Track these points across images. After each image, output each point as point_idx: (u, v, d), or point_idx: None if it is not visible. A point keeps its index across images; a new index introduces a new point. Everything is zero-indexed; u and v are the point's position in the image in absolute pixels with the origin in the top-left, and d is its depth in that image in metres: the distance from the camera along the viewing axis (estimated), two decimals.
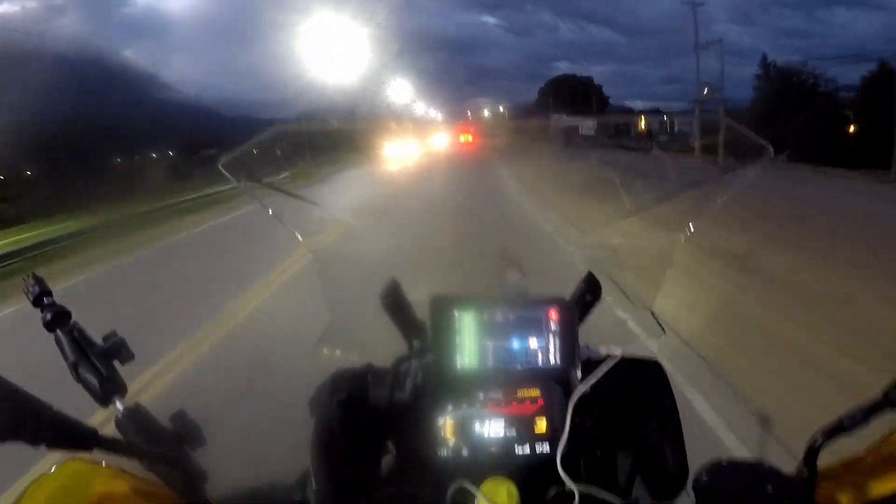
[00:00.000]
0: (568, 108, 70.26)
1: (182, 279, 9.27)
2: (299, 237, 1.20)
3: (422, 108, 74.79)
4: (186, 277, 9.38)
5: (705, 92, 34.98)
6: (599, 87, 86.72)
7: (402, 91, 65.72)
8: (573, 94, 75.84)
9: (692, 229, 1.20)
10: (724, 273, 7.24)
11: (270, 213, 1.18)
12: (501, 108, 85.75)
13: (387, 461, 1.07)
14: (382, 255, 1.34)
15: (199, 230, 15.38)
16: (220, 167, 1.08)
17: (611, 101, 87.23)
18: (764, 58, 43.09)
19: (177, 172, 29.06)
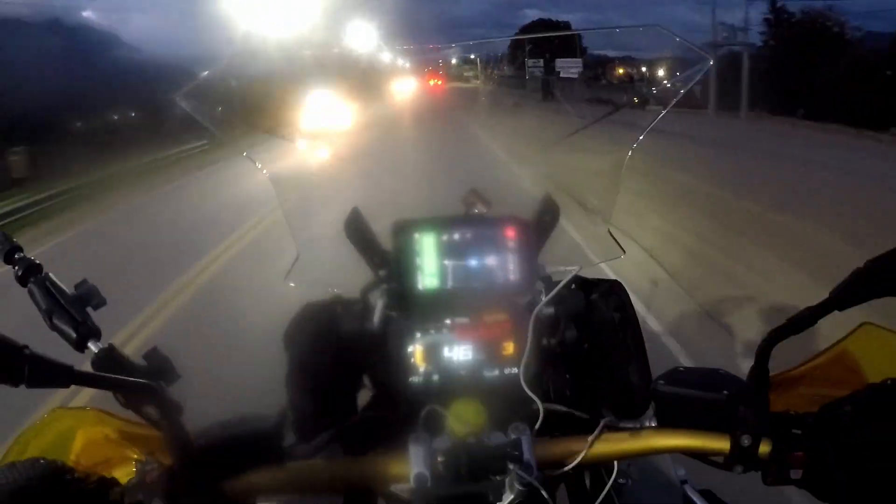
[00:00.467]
0: (539, 55, 67.13)
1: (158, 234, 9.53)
2: (262, 169, 1.21)
3: (389, 56, 74.40)
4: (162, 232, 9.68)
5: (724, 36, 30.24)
6: (578, 35, 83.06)
7: (368, 38, 64.68)
8: (549, 41, 72.50)
9: (637, 142, 1.20)
10: None
11: (226, 139, 1.19)
12: (473, 56, 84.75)
13: (362, 391, 1.10)
14: (347, 187, 1.34)
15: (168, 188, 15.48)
16: (178, 100, 1.08)
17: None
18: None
19: (144, 132, 28.23)
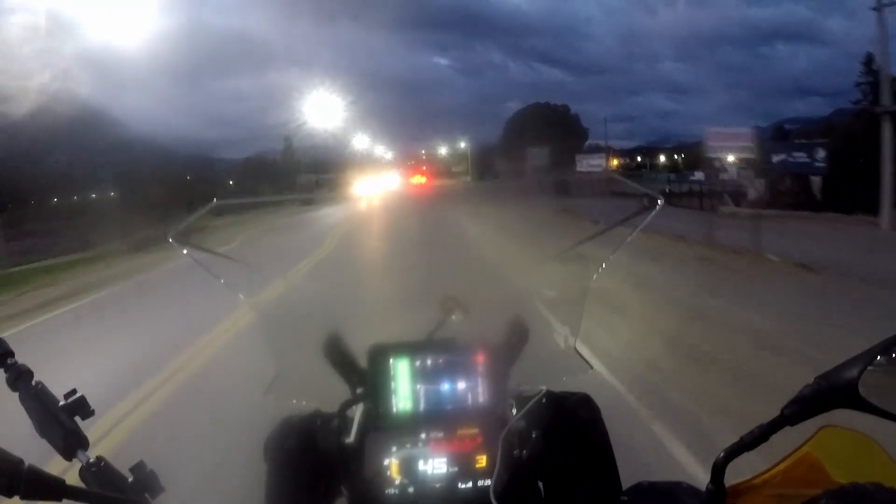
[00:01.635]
0: (542, 143, 56.06)
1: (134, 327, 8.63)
2: (242, 297, 1.26)
3: (373, 150, 71.73)
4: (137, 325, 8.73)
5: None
6: (577, 117, 74.35)
7: (353, 132, 65.30)
8: (548, 125, 64.34)
9: (602, 268, 1.28)
10: None
11: (215, 275, 1.24)
12: (463, 144, 74.56)
13: (340, 502, 1.12)
14: (325, 308, 1.40)
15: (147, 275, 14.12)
16: (171, 239, 1.15)
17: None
18: (869, 59, 29.92)
19: (125, 213, 28.02)
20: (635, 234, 1.25)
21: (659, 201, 1.24)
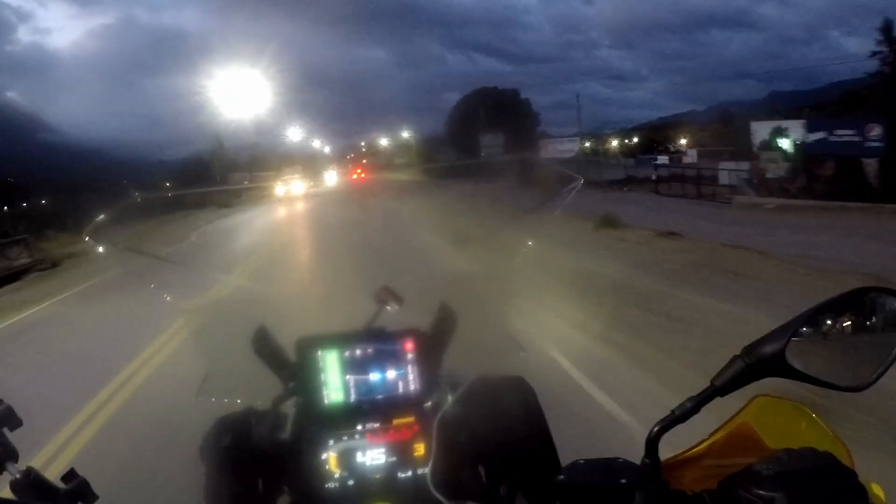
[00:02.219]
0: (496, 129, 54.65)
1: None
2: (168, 299, 1.25)
3: (309, 144, 70.34)
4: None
5: None
6: (527, 102, 68.03)
7: (288, 128, 64.02)
8: (498, 111, 59.84)
9: (526, 250, 1.30)
10: None
11: (133, 274, 1.22)
12: (406, 134, 69.72)
13: (282, 500, 1.11)
14: (254, 304, 1.38)
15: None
16: (86, 238, 1.11)
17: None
18: (888, 26, 26.79)
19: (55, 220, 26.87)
20: (557, 212, 1.28)
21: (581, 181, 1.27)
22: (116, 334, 7.61)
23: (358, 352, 1.10)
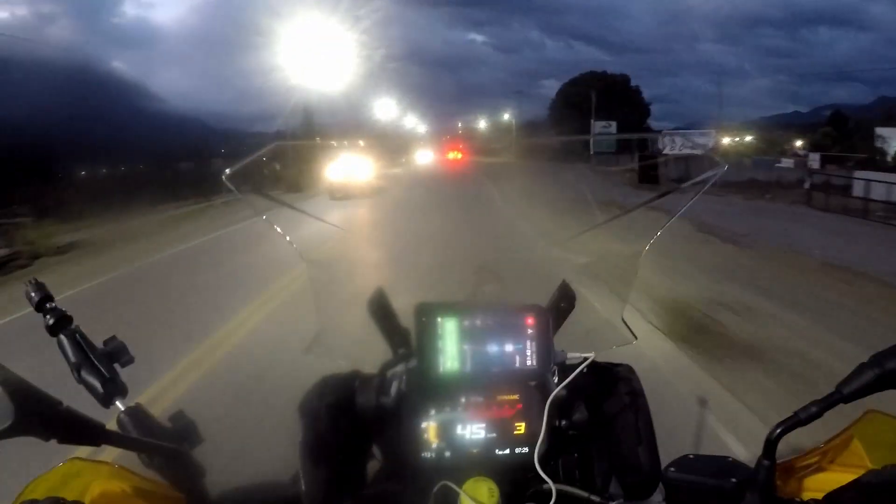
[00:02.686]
0: (604, 116, 50.40)
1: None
2: (295, 246, 1.25)
3: (409, 122, 71.17)
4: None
5: None
6: (638, 90, 63.81)
7: (388, 105, 65.19)
8: (607, 96, 54.70)
9: (651, 242, 1.26)
10: None
11: (268, 222, 1.24)
12: (506, 117, 65.69)
13: (373, 464, 1.11)
14: (372, 266, 1.39)
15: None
16: (224, 179, 1.13)
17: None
18: None
19: (160, 185, 28.39)
20: (697, 198, 1.22)
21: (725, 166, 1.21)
22: None
23: (478, 321, 1.08)
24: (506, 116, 67.80)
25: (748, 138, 56.36)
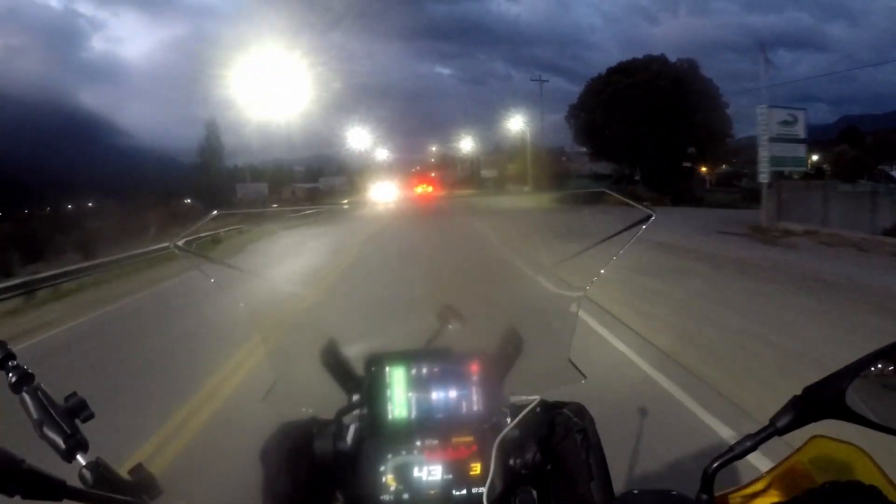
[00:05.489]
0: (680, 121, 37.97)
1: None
2: (244, 306, 1.29)
3: (377, 154, 68.36)
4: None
5: None
6: (710, 83, 42.74)
7: (356, 138, 64.43)
8: (674, 93, 38.90)
9: (590, 285, 1.32)
10: None
11: (218, 286, 1.26)
12: (520, 124, 50.76)
13: None
14: (323, 317, 1.42)
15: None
16: (174, 248, 1.17)
17: None
18: None
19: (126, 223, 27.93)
20: (627, 247, 1.27)
21: (653, 215, 1.25)
22: None
23: (424, 370, 1.12)
24: (516, 127, 53.19)
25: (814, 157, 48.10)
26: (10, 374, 0.95)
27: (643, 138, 41.53)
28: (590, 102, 46.63)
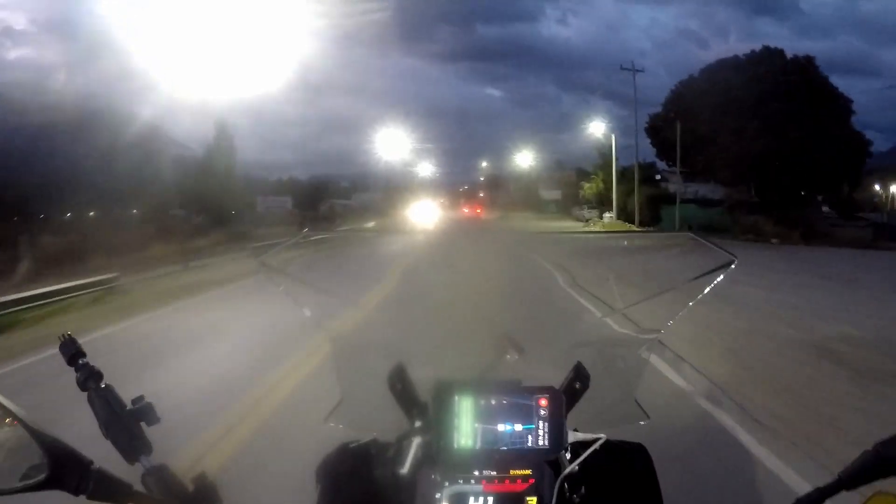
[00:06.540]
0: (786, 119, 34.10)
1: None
2: (319, 324, 1.42)
3: (421, 171, 69.13)
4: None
5: None
6: (828, 82, 38.71)
7: (408, 158, 64.29)
8: (785, 91, 35.33)
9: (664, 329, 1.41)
10: None
11: (300, 306, 1.41)
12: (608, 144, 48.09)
13: None
14: (392, 341, 1.52)
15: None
16: (260, 263, 1.32)
17: None
18: None
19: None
20: (707, 291, 1.36)
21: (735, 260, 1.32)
22: None
23: (493, 401, 1.20)
24: (592, 138, 49.79)
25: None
26: (80, 372, 1.07)
27: (766, 154, 35.66)
28: (686, 108, 40.39)
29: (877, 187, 52.33)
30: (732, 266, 1.33)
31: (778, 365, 7.61)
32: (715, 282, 1.35)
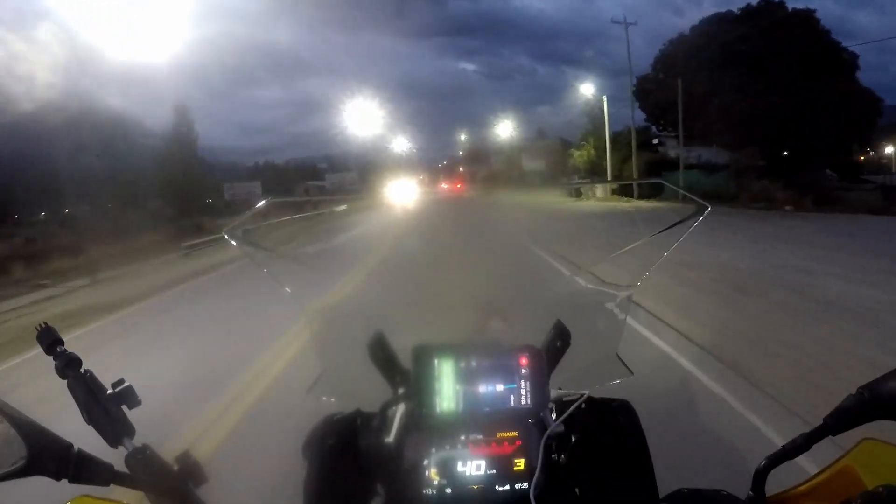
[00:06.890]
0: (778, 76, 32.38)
1: None
2: (290, 293, 1.44)
3: (397, 148, 69.17)
4: None
5: None
6: (827, 34, 36.56)
7: (385, 136, 64.45)
8: (784, 43, 33.59)
9: (640, 282, 1.43)
10: None
11: (270, 275, 1.43)
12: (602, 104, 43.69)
13: (376, 502, 1.26)
14: (370, 308, 1.55)
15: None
16: (225, 234, 1.35)
17: None
18: None
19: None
20: (680, 241, 1.39)
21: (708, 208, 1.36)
22: None
23: (473, 363, 1.24)
24: (580, 100, 47.62)
25: None
26: (58, 360, 1.08)
27: (773, 113, 32.76)
28: (681, 65, 37.80)
29: (889, 149, 50.10)
30: (706, 212, 1.36)
31: None
32: (689, 230, 1.38)
